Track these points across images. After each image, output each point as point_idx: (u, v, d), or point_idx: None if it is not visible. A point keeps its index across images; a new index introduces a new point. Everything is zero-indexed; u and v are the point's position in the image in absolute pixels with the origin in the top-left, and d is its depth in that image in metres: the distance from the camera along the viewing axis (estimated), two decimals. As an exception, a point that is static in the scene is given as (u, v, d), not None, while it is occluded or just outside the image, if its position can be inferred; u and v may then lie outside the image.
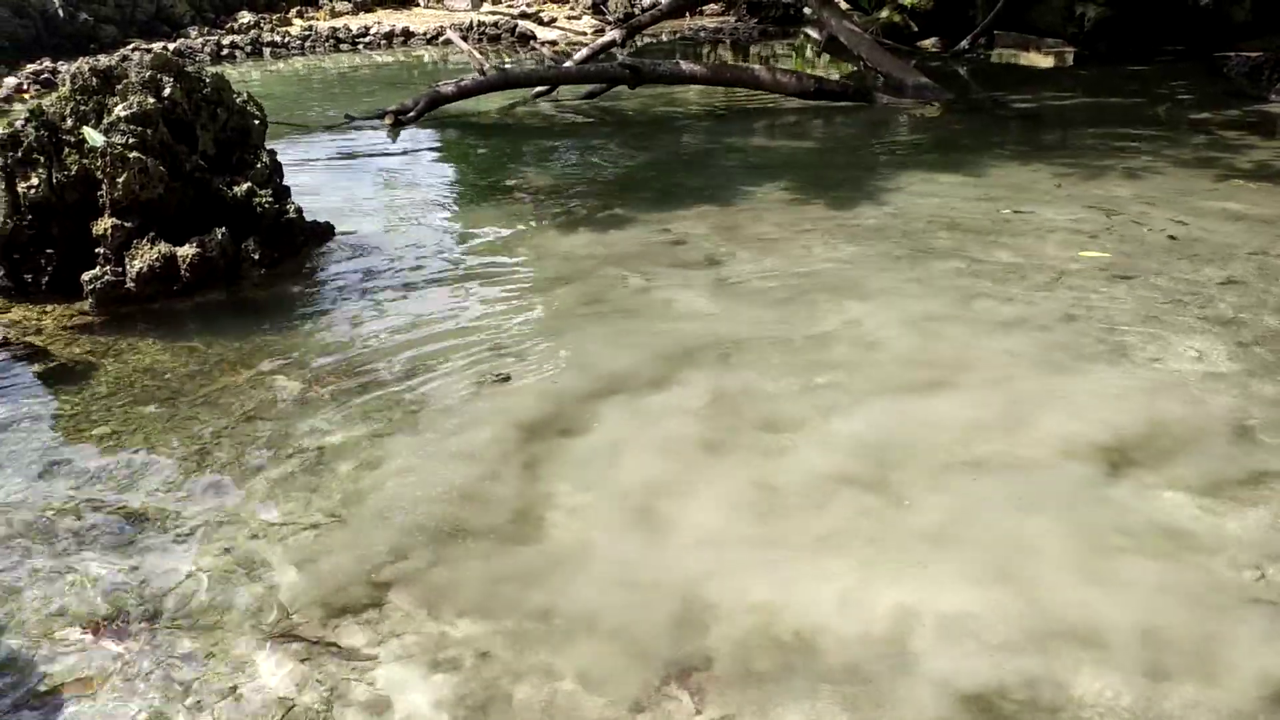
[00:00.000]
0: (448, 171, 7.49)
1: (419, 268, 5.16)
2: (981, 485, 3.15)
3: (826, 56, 13.24)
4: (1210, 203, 5.90)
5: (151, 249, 4.61)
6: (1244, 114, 8.59)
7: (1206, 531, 2.88)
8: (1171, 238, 5.29)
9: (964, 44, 12.59)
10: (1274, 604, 2.59)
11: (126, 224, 4.63)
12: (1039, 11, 12.32)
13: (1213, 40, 11.44)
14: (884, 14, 13.18)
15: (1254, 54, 10.46)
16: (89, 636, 2.60)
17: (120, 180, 4.60)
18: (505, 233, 5.80)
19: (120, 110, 4.71)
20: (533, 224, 5.95)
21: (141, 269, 4.58)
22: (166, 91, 4.90)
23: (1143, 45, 11.79)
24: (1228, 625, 2.52)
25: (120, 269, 4.62)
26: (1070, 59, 12.13)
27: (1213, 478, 3.13)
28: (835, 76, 10.90)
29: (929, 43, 13.27)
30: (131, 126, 4.67)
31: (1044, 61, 12.30)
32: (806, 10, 15.75)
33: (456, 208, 6.39)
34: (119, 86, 4.84)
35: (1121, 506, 3.01)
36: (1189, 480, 3.12)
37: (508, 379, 3.93)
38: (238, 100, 5.27)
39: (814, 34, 15.09)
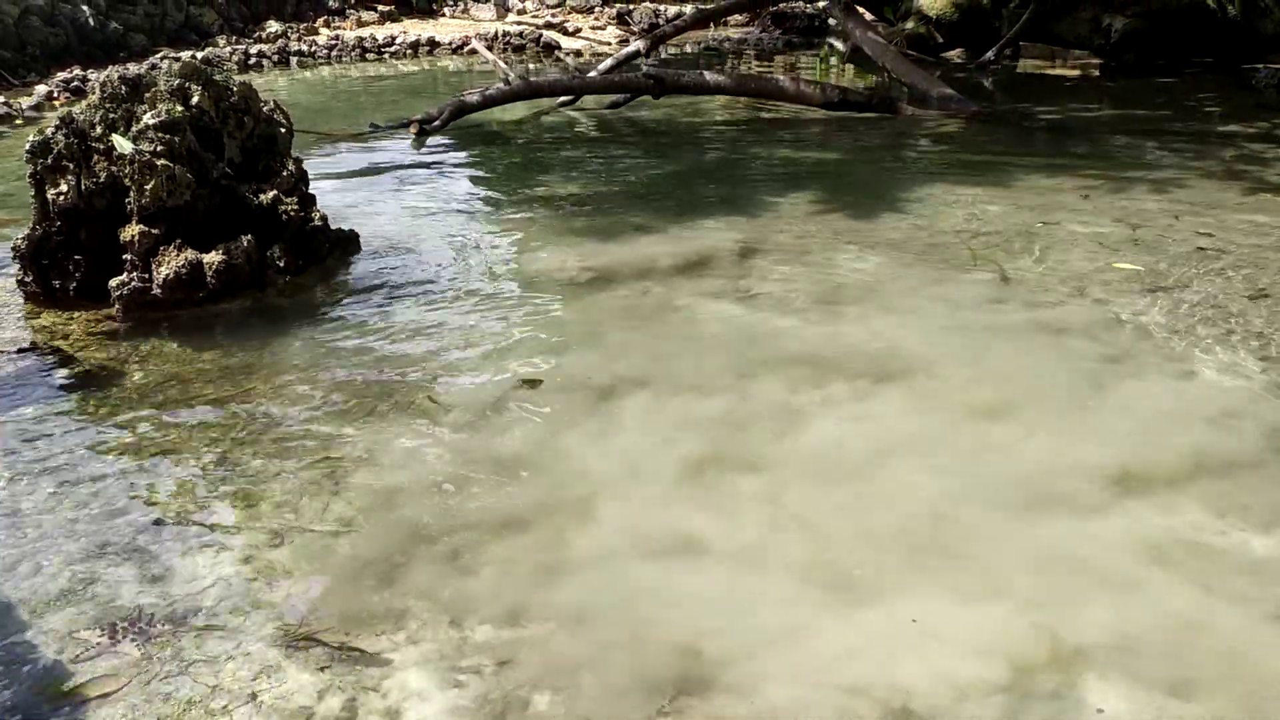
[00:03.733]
0: (472, 180, 7.51)
1: (443, 275, 5.17)
2: (1027, 517, 3.12)
3: (851, 67, 13.21)
4: (1238, 215, 5.85)
5: (178, 255, 4.65)
6: (1272, 126, 8.51)
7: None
8: (1200, 249, 5.24)
9: (989, 55, 12.53)
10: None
11: (154, 231, 4.67)
12: (1065, 23, 12.25)
13: (1241, 52, 11.34)
14: (909, 25, 13.13)
15: (1283, 66, 10.39)
16: (110, 640, 2.61)
17: (148, 187, 4.64)
18: (529, 241, 5.81)
19: (148, 118, 4.75)
20: (557, 233, 5.96)
21: (168, 275, 4.61)
22: (194, 100, 4.94)
23: (1171, 57, 11.69)
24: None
25: (147, 275, 4.65)
26: (1097, 71, 12.06)
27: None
28: (860, 87, 10.88)
29: (954, 54, 13.21)
30: (159, 134, 4.71)
31: (1070, 73, 12.23)
32: (831, 21, 15.73)
33: (481, 216, 6.41)
34: (147, 95, 4.88)
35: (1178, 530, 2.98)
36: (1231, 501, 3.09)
37: (536, 384, 3.94)
38: (264, 108, 5.31)
39: (838, 45, 15.06)
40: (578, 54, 15.04)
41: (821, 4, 15.85)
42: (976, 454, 3.39)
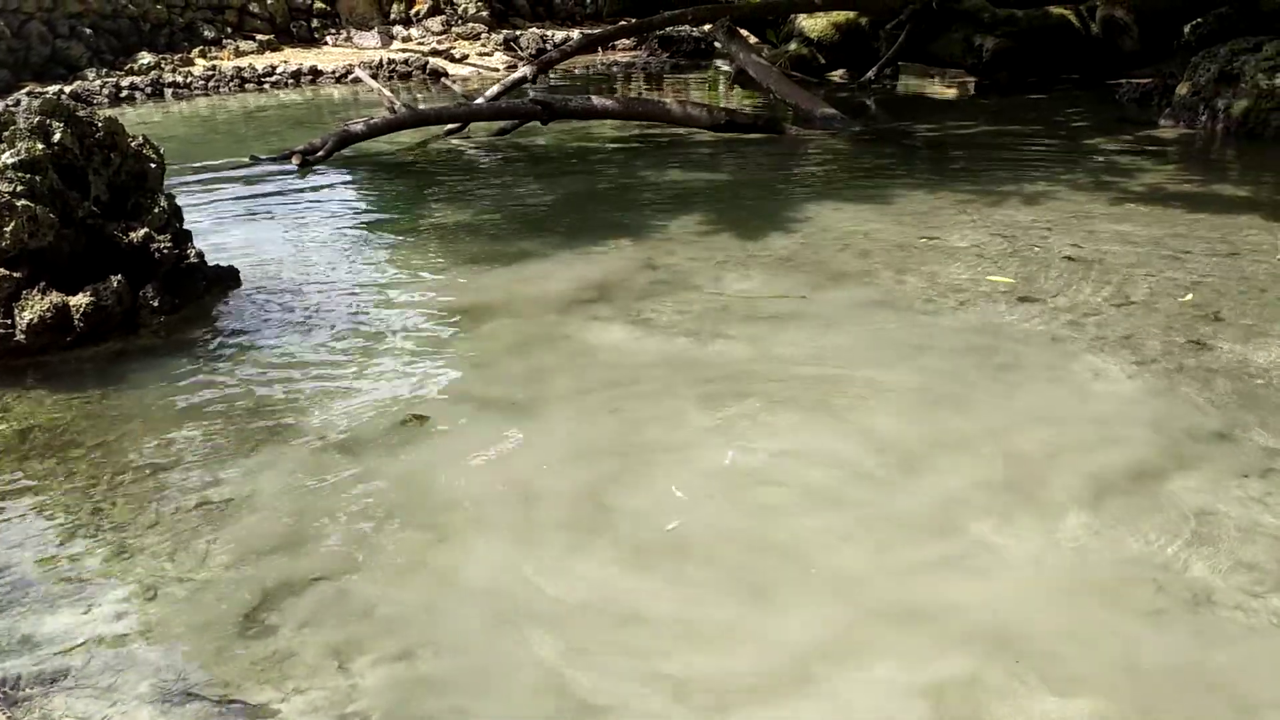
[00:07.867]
0: (358, 211, 7.38)
1: (328, 309, 5.06)
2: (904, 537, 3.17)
3: (738, 89, 13.43)
4: (1106, 225, 6.08)
5: (42, 299, 4.45)
6: (1135, 138, 8.90)
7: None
8: (1069, 259, 5.43)
9: (870, 75, 12.88)
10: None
11: (15, 274, 4.46)
12: (940, 43, 12.66)
13: (1105, 69, 11.89)
14: (792, 47, 13.41)
15: (1143, 81, 10.89)
16: (-27, 708, 2.47)
17: (8, 229, 4.43)
18: (417, 273, 5.73)
19: (7, 157, 4.55)
20: (445, 263, 5.88)
21: (32, 320, 4.41)
22: (56, 137, 4.75)
23: (1041, 74, 12.19)
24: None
25: (9, 321, 4.44)
26: (972, 88, 12.48)
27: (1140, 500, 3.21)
28: (746, 108, 11.05)
29: (837, 74, 13.54)
30: (19, 174, 4.51)
31: (947, 92, 12.64)
32: (716, 44, 15.98)
33: (367, 249, 6.30)
34: (5, 133, 4.67)
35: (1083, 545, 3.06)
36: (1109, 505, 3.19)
37: (424, 419, 3.86)
38: (132, 144, 5.13)
39: (725, 67, 15.32)
40: (465, 81, 14.97)
41: (707, 28, 16.09)
42: (864, 472, 3.44)
